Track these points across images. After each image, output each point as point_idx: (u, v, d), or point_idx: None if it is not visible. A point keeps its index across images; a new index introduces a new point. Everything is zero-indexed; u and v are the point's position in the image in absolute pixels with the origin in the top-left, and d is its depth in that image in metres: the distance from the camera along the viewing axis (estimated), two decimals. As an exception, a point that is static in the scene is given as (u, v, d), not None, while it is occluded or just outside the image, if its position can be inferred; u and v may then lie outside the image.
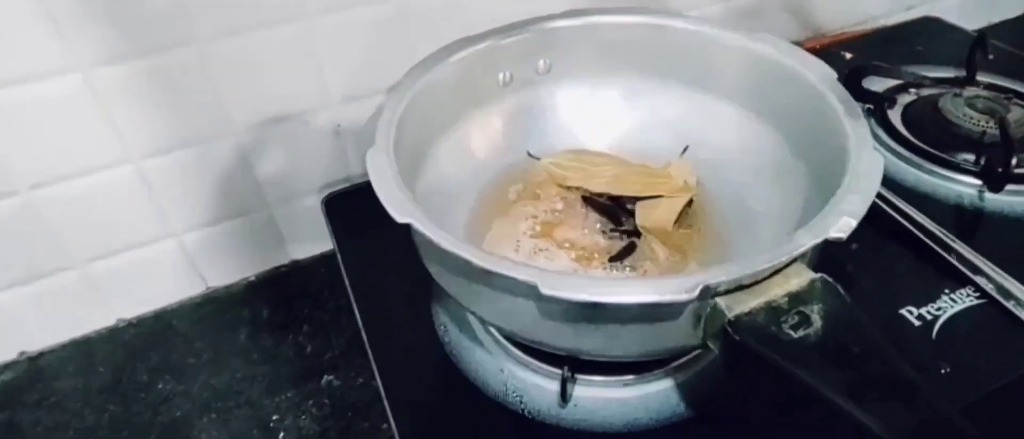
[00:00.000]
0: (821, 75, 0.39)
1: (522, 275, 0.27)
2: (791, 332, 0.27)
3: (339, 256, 0.49)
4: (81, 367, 0.50)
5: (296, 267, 0.58)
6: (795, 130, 0.41)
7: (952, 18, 0.74)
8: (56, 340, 0.52)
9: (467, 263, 0.28)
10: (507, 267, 0.27)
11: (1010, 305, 0.42)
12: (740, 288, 0.28)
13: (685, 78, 0.46)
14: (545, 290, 0.26)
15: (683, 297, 0.26)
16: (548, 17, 0.45)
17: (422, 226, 0.29)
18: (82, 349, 0.52)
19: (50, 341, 0.52)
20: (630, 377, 0.38)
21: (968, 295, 0.43)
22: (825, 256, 0.33)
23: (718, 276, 0.27)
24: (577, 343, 0.31)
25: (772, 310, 0.28)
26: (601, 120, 0.48)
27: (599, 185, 0.44)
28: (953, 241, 0.46)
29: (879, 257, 0.47)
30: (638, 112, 0.47)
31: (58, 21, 0.40)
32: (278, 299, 0.55)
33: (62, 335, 0.52)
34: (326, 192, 0.55)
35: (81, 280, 0.50)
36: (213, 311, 0.54)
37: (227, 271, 0.56)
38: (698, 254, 0.42)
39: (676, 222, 0.42)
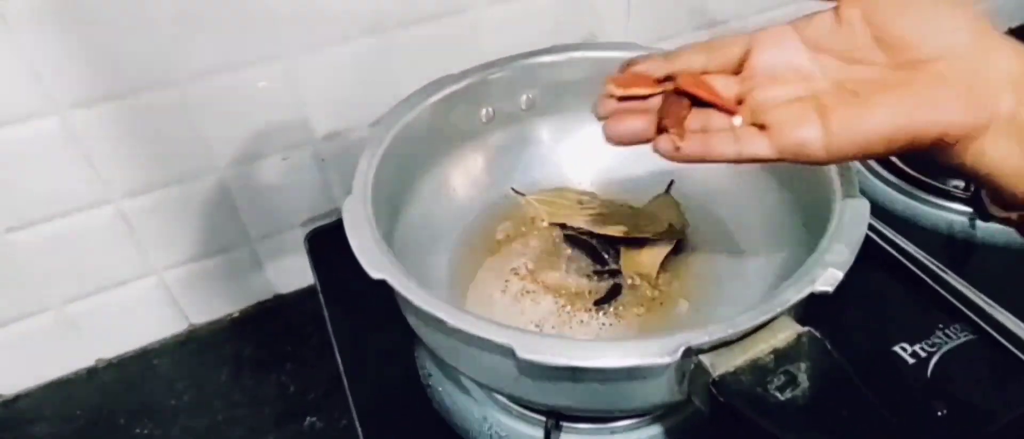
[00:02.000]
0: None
1: (499, 338, 0.26)
2: (777, 393, 0.26)
3: (321, 296, 0.48)
4: (58, 410, 0.49)
5: (280, 302, 0.57)
6: (782, 168, 0.40)
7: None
8: (33, 383, 0.51)
9: (442, 323, 0.27)
10: (483, 329, 0.26)
11: (1005, 341, 0.41)
12: (724, 345, 0.28)
13: (670, 112, 0.45)
14: (522, 354, 0.25)
15: (665, 360, 0.25)
16: (531, 53, 0.44)
17: (397, 283, 0.29)
18: (60, 392, 0.50)
19: (26, 384, 0.51)
20: (617, 425, 0.37)
21: (962, 330, 0.42)
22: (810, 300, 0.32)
23: (701, 337, 0.26)
24: (559, 400, 0.31)
25: (758, 369, 0.27)
26: (585, 154, 0.47)
27: (584, 223, 0.43)
28: (945, 273, 0.45)
29: (869, 290, 0.46)
30: (623, 147, 0.46)
31: (34, 64, 0.39)
32: (261, 336, 0.54)
33: (39, 377, 0.51)
34: (311, 226, 0.54)
35: (59, 321, 0.49)
36: (195, 349, 0.53)
37: (209, 308, 0.55)
38: (684, 293, 0.41)
39: (661, 265, 0.42)
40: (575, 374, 0.28)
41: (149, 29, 0.41)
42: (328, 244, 0.52)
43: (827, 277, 0.28)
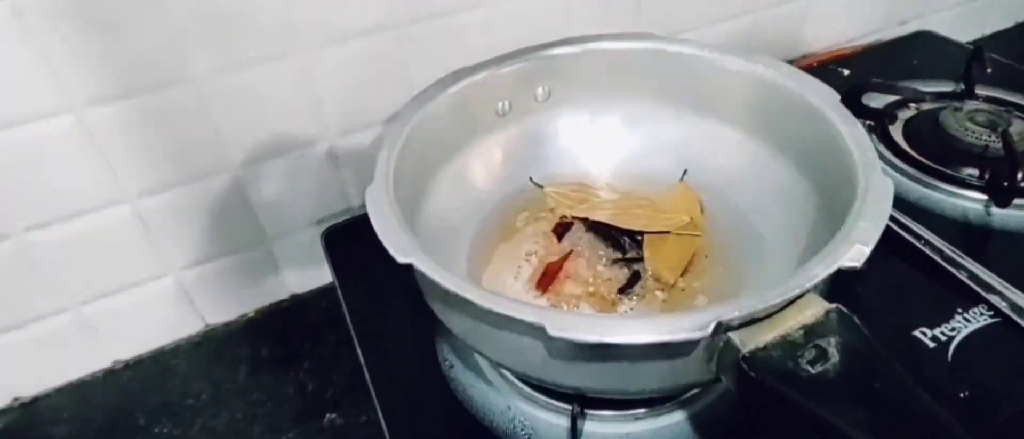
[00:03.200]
0: (823, 96, 0.39)
1: (529, 316, 0.26)
2: (809, 368, 0.26)
3: (340, 292, 0.48)
4: (76, 412, 0.49)
5: (296, 302, 0.57)
6: (799, 152, 0.41)
7: (945, 31, 0.74)
8: (50, 384, 0.51)
9: (472, 304, 0.27)
10: (514, 308, 0.26)
11: (1024, 324, 0.41)
12: (753, 321, 0.28)
13: (686, 102, 0.45)
14: (553, 331, 0.25)
15: (696, 335, 0.25)
16: (546, 45, 0.44)
17: (424, 266, 0.29)
18: (77, 393, 0.50)
19: (44, 386, 0.51)
20: (641, 411, 0.37)
21: (981, 314, 0.42)
22: (835, 280, 0.32)
23: (731, 311, 0.26)
24: (587, 382, 0.31)
25: (788, 344, 0.27)
26: (602, 146, 0.47)
27: (603, 217, 0.43)
28: (962, 258, 0.45)
29: (888, 277, 0.46)
30: (639, 137, 0.47)
31: (50, 61, 0.39)
32: (278, 335, 0.54)
33: (57, 379, 0.51)
34: (326, 224, 0.54)
35: (76, 322, 0.49)
36: (212, 350, 0.53)
37: (226, 308, 0.55)
38: (705, 281, 0.41)
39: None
40: (605, 353, 0.28)
41: (165, 26, 0.41)
42: (345, 241, 0.52)
43: (854, 253, 0.28)
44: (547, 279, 0.40)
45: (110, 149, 0.44)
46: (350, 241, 0.52)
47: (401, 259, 0.29)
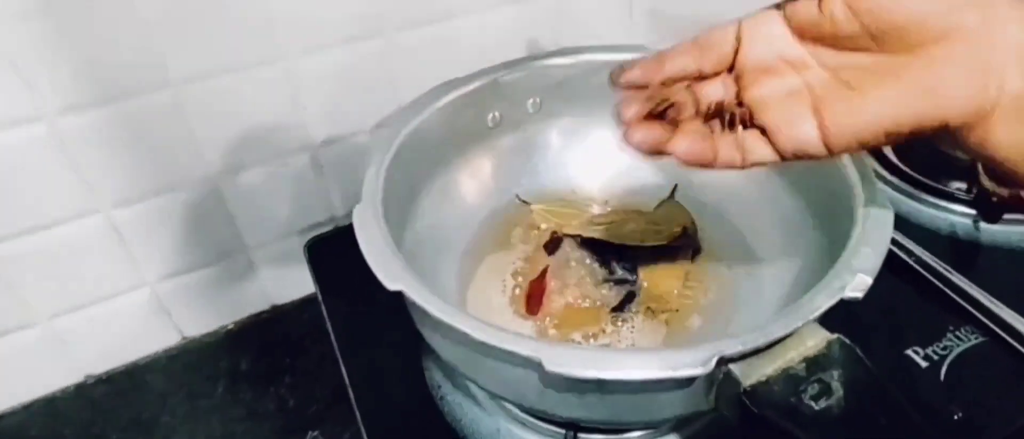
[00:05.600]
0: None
1: (525, 350, 0.25)
2: (812, 403, 0.25)
3: (323, 306, 0.46)
4: (45, 429, 0.47)
5: (277, 313, 0.55)
6: (796, 169, 0.40)
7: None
8: (18, 401, 0.49)
9: (465, 335, 0.26)
10: (509, 341, 0.25)
11: (1016, 343, 0.41)
12: (755, 353, 0.27)
13: (680, 116, 0.44)
14: (550, 367, 0.25)
15: (697, 371, 0.25)
16: (539, 55, 0.43)
17: (415, 294, 0.27)
18: (47, 409, 0.49)
19: (13, 401, 0.49)
20: (634, 435, 0.36)
21: (973, 332, 0.42)
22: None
23: (733, 346, 0.25)
24: (582, 412, 0.30)
25: (790, 378, 0.26)
26: (594, 159, 0.46)
27: (595, 233, 0.42)
28: (952, 274, 0.45)
29: (880, 293, 0.45)
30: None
31: (20, 68, 0.37)
32: (258, 348, 0.52)
33: (25, 395, 0.49)
34: (309, 234, 0.52)
35: (46, 336, 0.47)
36: (189, 363, 0.51)
37: (204, 320, 0.53)
38: (699, 299, 0.40)
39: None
40: (602, 386, 0.27)
41: (141, 31, 0.39)
42: (328, 252, 0.50)
43: (857, 283, 0.28)
44: (534, 300, 0.39)
45: (83, 158, 0.42)
46: (334, 252, 0.50)
47: (391, 286, 0.28)
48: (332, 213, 0.53)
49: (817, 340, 0.28)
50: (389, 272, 0.28)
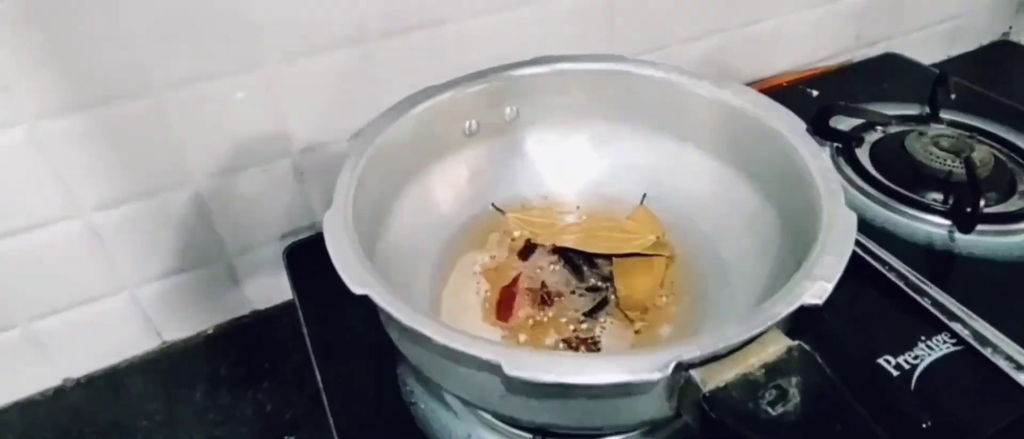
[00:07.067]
0: (790, 125, 0.38)
1: (485, 354, 0.25)
2: (769, 409, 0.26)
3: (300, 311, 0.47)
4: (22, 433, 0.47)
5: (257, 318, 0.55)
6: (765, 178, 0.41)
7: (911, 52, 0.75)
8: (-4, 403, 0.49)
9: (428, 339, 0.26)
10: (469, 345, 0.26)
11: (987, 352, 0.41)
12: (715, 358, 0.27)
13: (654, 125, 0.45)
14: (509, 370, 0.25)
15: (656, 376, 0.25)
16: (515, 64, 0.44)
17: (380, 299, 0.28)
18: (24, 413, 0.48)
19: (-11, 404, 0.48)
20: (603, 441, 0.36)
21: (945, 342, 0.43)
22: (799, 310, 0.32)
23: (692, 351, 0.26)
24: (547, 417, 0.30)
25: (748, 384, 0.26)
26: (570, 167, 0.47)
27: (569, 242, 0.43)
28: (926, 285, 0.45)
29: (852, 302, 0.46)
30: (608, 159, 0.46)
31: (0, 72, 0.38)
32: (238, 353, 0.52)
33: (3, 398, 0.49)
34: (289, 239, 0.53)
35: (24, 339, 0.47)
36: (168, 367, 0.52)
37: (183, 324, 0.53)
38: (670, 307, 0.41)
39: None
40: (564, 391, 0.27)
41: (123, 37, 0.40)
42: (307, 258, 0.50)
43: (817, 290, 0.28)
44: (506, 306, 0.40)
45: (63, 162, 0.42)
46: (313, 258, 0.50)
47: (357, 290, 0.28)
48: (313, 219, 0.54)
49: (778, 346, 0.28)
50: (355, 276, 0.29)
